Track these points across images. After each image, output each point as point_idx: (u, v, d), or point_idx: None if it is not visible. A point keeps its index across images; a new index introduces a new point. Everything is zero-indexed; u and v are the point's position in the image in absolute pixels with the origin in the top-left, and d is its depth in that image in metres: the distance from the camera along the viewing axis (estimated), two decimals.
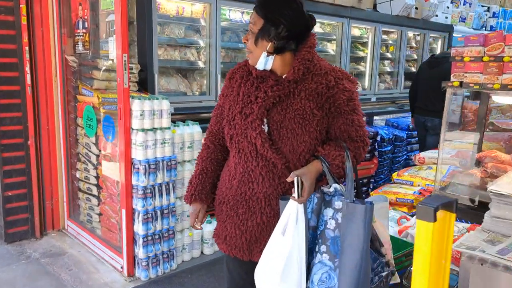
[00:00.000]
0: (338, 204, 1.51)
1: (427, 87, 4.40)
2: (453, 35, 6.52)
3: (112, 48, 2.83)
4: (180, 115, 3.43)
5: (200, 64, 3.82)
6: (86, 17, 3.13)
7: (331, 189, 1.53)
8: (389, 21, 5.38)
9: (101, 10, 2.92)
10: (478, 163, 2.54)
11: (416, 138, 4.99)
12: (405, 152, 4.89)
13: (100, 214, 3.25)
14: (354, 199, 1.48)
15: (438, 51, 6.49)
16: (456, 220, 2.43)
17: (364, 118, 1.68)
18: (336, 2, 4.58)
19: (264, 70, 1.59)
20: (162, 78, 3.64)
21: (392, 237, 2.28)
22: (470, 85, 2.38)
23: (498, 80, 2.12)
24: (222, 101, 1.72)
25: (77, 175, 3.44)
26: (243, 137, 1.58)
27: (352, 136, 1.61)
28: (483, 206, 1.89)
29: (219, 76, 3.71)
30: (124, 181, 2.77)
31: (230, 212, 1.67)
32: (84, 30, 3.17)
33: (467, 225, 2.09)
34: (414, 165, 3.34)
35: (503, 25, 7.71)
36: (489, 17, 7.42)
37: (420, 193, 2.75)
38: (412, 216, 2.59)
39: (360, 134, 1.63)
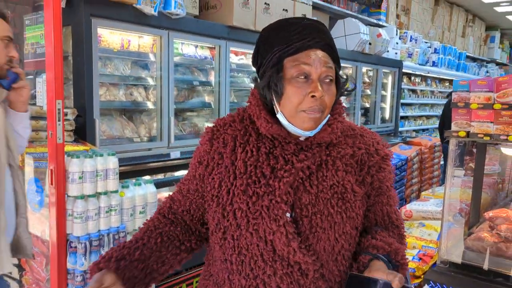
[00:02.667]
0: None
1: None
2: (403, 70, 6.55)
3: (41, 91, 2.21)
4: (126, 167, 2.83)
5: (149, 105, 3.27)
6: None
7: None
8: (345, 57, 5.20)
9: (27, 44, 2.29)
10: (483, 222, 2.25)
11: None
12: None
13: None
14: None
15: (389, 87, 6.47)
16: None
17: None
18: None
19: (282, 130, 1.08)
20: (104, 122, 3.03)
21: None
22: (479, 136, 2.10)
23: None
24: (199, 172, 1.15)
25: None
26: (251, 230, 1.04)
27: (393, 220, 1.19)
28: (497, 275, 1.83)
29: (172, 118, 3.19)
30: (56, 266, 2.10)
31: None
32: None
33: None
34: None
35: (444, 60, 7.93)
36: (432, 53, 7.60)
37: (420, 259, 2.37)
38: None
39: (399, 216, 1.22)
